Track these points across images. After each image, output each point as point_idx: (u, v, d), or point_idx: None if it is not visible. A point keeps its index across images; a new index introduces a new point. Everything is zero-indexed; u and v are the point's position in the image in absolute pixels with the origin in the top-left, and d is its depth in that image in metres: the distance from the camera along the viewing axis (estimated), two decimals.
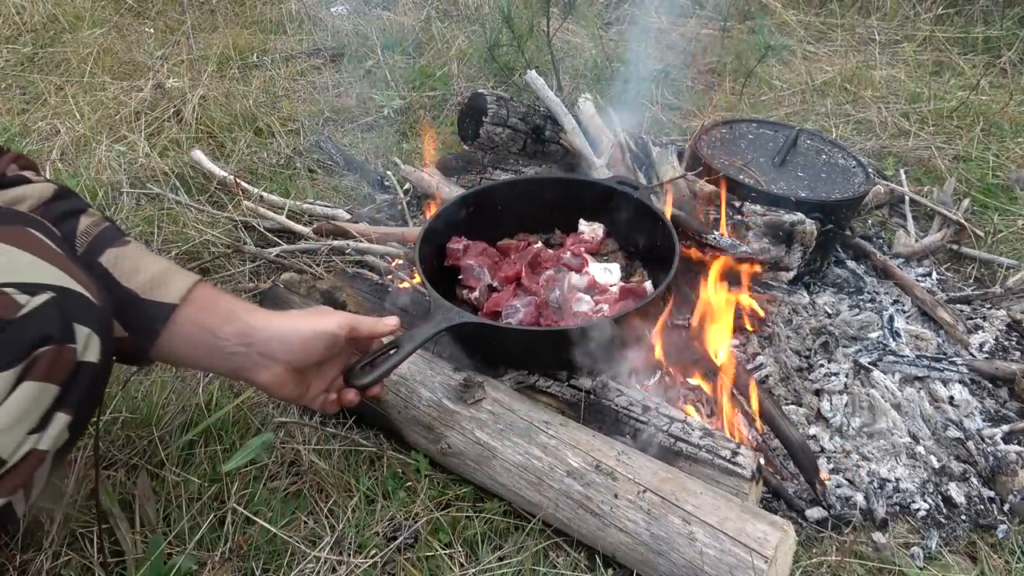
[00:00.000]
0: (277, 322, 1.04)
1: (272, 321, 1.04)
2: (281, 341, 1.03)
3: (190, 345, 0.99)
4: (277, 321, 1.04)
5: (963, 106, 2.90)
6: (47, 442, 0.79)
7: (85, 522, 1.25)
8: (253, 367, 1.03)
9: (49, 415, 0.78)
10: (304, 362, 1.07)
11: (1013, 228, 2.25)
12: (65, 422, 0.80)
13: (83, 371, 0.80)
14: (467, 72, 3.17)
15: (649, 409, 1.37)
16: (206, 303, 0.99)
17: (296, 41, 3.50)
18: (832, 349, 1.73)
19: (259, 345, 1.01)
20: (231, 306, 1.02)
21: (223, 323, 1.00)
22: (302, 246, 2.02)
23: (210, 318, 0.99)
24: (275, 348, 1.03)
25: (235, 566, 1.23)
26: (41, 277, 0.77)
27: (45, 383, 0.76)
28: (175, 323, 0.96)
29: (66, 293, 0.78)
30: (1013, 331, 1.87)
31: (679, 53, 3.38)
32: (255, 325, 1.01)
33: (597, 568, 1.27)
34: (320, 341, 1.06)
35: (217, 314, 1.00)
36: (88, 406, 0.85)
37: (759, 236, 1.74)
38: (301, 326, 1.05)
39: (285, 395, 1.09)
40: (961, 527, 1.42)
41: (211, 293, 1.01)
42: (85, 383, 0.80)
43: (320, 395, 1.16)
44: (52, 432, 0.79)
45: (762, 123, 2.18)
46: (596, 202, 1.72)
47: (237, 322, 1.00)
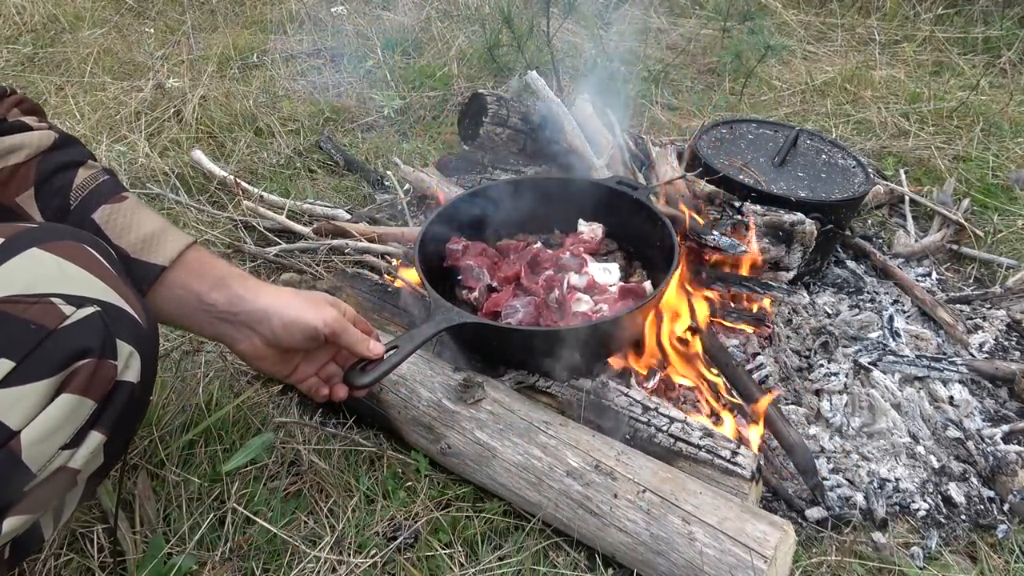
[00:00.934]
0: (265, 296, 1.03)
1: (261, 294, 1.03)
2: (263, 317, 1.02)
3: (176, 306, 0.98)
4: (266, 295, 1.03)
5: (963, 106, 2.90)
6: (79, 461, 0.77)
7: (85, 522, 1.25)
8: (235, 336, 1.03)
9: (84, 432, 0.76)
10: (282, 344, 1.06)
11: (1013, 228, 2.25)
12: (99, 441, 0.78)
13: (121, 389, 0.78)
14: (467, 72, 3.17)
15: (649, 409, 1.38)
16: (197, 267, 0.99)
17: (296, 41, 3.50)
18: (832, 349, 1.73)
19: (243, 315, 1.01)
20: (222, 272, 1.01)
21: (211, 289, 0.99)
22: (302, 245, 2.02)
23: (199, 283, 0.98)
24: (257, 321, 1.02)
25: (235, 566, 1.23)
26: (89, 291, 0.77)
27: (83, 397, 0.75)
28: (163, 285, 0.96)
29: (112, 309, 0.77)
30: (1013, 331, 1.87)
31: (679, 53, 3.38)
32: (243, 295, 1.01)
33: (597, 568, 1.27)
34: (300, 331, 1.05)
35: (206, 279, 0.99)
36: (125, 428, 0.82)
37: (759, 236, 1.74)
38: (286, 309, 1.03)
39: (265, 368, 1.08)
40: (961, 527, 1.42)
41: (203, 257, 1.01)
42: (122, 402, 0.79)
43: (310, 379, 1.15)
44: (85, 451, 0.77)
45: (762, 123, 2.18)
46: (596, 202, 1.72)
47: (226, 289, 1.00)
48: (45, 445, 0.73)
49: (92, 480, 0.82)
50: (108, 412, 0.78)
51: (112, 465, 0.86)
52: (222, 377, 1.59)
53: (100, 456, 0.80)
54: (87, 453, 0.77)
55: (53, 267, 0.76)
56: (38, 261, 0.76)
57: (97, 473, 0.82)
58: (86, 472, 0.79)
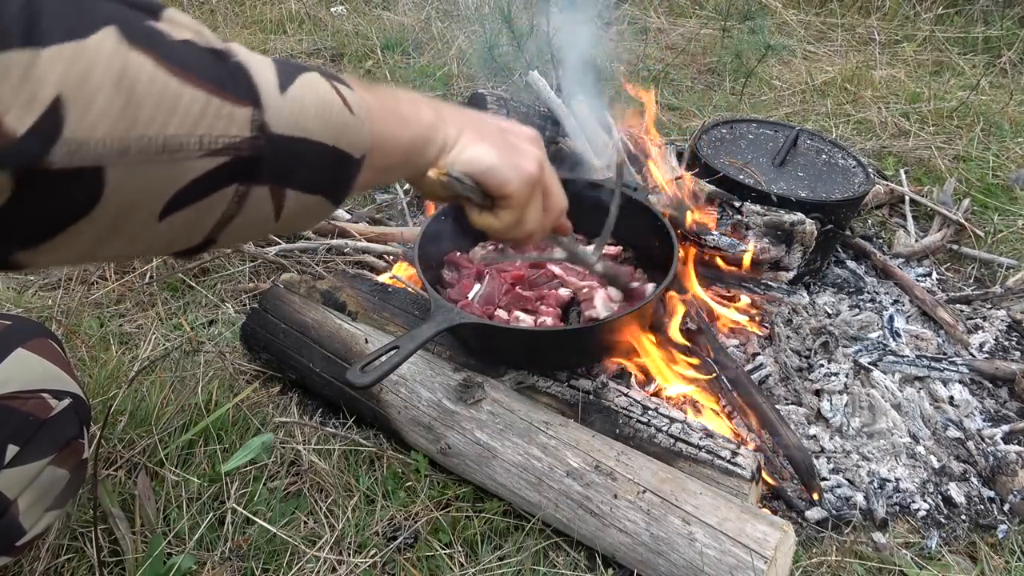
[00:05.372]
0: None
1: None
2: None
3: None
4: None
5: (963, 106, 2.90)
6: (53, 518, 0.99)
7: (85, 522, 1.25)
8: None
9: (63, 497, 0.97)
10: None
11: (1013, 228, 2.25)
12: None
13: (84, 464, 1.00)
14: (467, 72, 3.17)
15: (649, 409, 1.37)
16: None
17: (296, 41, 3.50)
18: (832, 349, 1.73)
19: None
20: None
21: None
22: (301, 245, 2.02)
23: None
24: None
25: (235, 566, 1.23)
26: (63, 385, 0.96)
27: (63, 470, 0.95)
28: None
29: (76, 399, 0.97)
30: (1013, 331, 1.87)
31: (679, 53, 3.37)
32: None
33: (597, 568, 1.27)
34: None
35: None
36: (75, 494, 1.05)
37: (759, 236, 1.74)
38: None
39: None
40: (961, 527, 1.42)
41: None
42: (83, 474, 1.01)
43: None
44: (62, 511, 1.00)
45: (762, 123, 2.18)
46: (595, 202, 1.71)
47: None
48: (36, 508, 0.93)
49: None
50: (75, 480, 0.99)
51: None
52: (221, 377, 1.59)
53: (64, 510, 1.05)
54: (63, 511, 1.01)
55: (38, 367, 0.95)
56: (26, 362, 0.94)
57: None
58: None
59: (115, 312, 1.83)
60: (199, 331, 1.77)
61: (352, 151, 0.59)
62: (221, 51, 0.50)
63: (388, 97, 0.67)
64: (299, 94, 0.53)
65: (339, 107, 0.57)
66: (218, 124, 0.48)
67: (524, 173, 0.79)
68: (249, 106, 0.50)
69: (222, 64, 0.49)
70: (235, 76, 0.50)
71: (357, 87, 0.61)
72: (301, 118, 0.53)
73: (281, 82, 0.53)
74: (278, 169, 0.53)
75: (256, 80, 0.51)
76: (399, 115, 0.68)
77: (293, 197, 0.56)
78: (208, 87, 0.47)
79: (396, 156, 0.68)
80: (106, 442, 1.38)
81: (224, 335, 1.75)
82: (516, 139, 0.81)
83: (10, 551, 0.93)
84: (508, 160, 0.77)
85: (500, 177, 0.77)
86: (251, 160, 0.50)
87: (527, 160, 0.80)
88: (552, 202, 0.87)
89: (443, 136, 0.73)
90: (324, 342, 1.52)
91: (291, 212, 0.57)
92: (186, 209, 0.50)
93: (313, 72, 0.57)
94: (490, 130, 0.78)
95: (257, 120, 0.50)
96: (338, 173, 0.59)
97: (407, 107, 0.70)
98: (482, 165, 0.75)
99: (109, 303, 1.85)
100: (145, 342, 1.70)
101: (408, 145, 0.69)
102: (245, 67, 0.51)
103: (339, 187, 0.60)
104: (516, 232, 0.85)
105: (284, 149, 0.52)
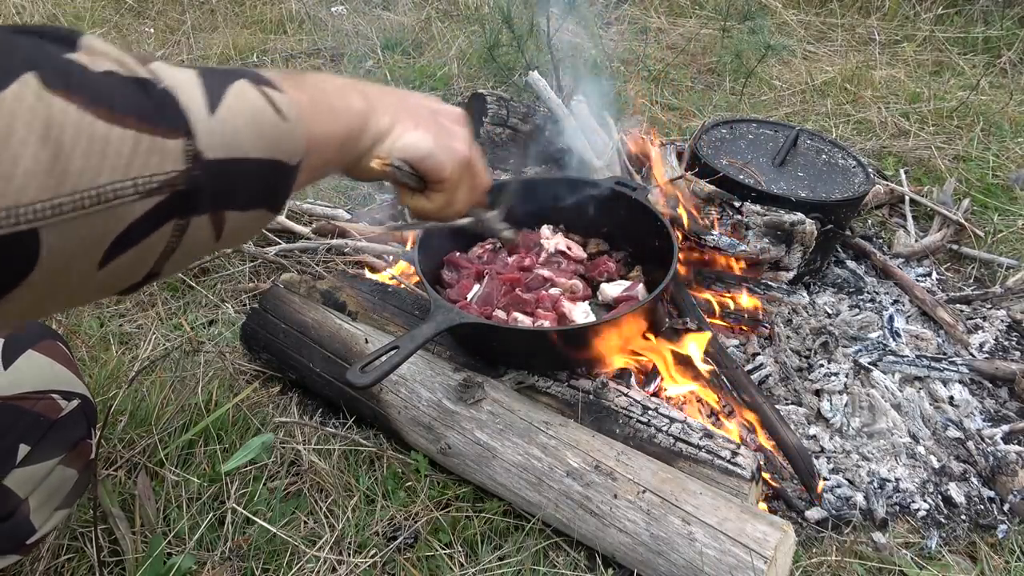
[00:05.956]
0: None
1: None
2: None
3: None
4: None
5: (963, 106, 2.90)
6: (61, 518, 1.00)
7: (85, 522, 1.25)
8: None
9: (72, 496, 0.99)
10: None
11: (1013, 228, 2.25)
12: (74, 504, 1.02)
13: (91, 464, 1.02)
14: (467, 72, 3.17)
15: (649, 409, 1.37)
16: None
17: (296, 41, 3.50)
18: (832, 349, 1.73)
19: None
20: None
21: None
22: (301, 245, 2.02)
23: None
24: None
25: (235, 566, 1.23)
26: (72, 386, 0.97)
27: (72, 469, 0.97)
28: None
29: (85, 400, 0.99)
30: (1013, 331, 1.87)
31: (679, 53, 3.37)
32: None
33: (597, 568, 1.27)
34: None
35: None
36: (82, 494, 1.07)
37: (759, 236, 1.74)
38: None
39: None
40: (961, 527, 1.42)
41: None
42: (90, 474, 1.03)
43: None
44: (70, 510, 1.02)
45: (762, 123, 2.18)
46: (594, 202, 1.72)
47: None
48: (46, 507, 0.95)
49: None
50: (82, 479, 1.01)
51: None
52: (221, 377, 1.59)
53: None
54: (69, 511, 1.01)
55: (47, 368, 0.95)
56: (36, 363, 0.95)
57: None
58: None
59: (115, 312, 1.83)
60: (199, 331, 1.77)
61: (288, 159, 0.58)
62: (145, 80, 0.49)
63: (317, 90, 0.67)
64: (229, 112, 0.52)
65: (271, 115, 0.56)
66: (151, 162, 0.46)
67: (457, 156, 0.81)
68: (180, 136, 0.48)
69: (147, 95, 0.48)
70: (162, 106, 0.48)
71: (286, 85, 0.60)
72: (234, 137, 0.52)
73: (210, 101, 0.51)
74: (216, 194, 0.52)
75: (184, 105, 0.49)
76: (331, 109, 0.68)
77: (233, 217, 0.55)
78: (136, 124, 0.46)
79: (331, 152, 0.68)
80: (106, 442, 1.38)
81: (224, 335, 1.75)
82: (446, 120, 0.82)
83: (20, 549, 0.95)
84: (443, 144, 0.79)
85: (437, 162, 0.79)
86: (188, 192, 0.49)
87: (459, 142, 0.81)
88: (478, 179, 0.88)
89: (376, 124, 0.74)
90: (324, 342, 1.52)
91: (231, 230, 0.56)
92: (127, 253, 0.48)
93: (241, 80, 0.55)
94: (423, 114, 0.79)
95: (190, 150, 0.49)
96: (276, 183, 0.58)
97: (337, 98, 0.69)
98: (419, 152, 0.77)
99: (109, 303, 1.85)
100: (145, 342, 1.70)
101: (342, 139, 0.69)
102: (172, 93, 0.49)
103: (278, 197, 0.59)
104: (446, 212, 0.86)
105: (220, 173, 0.51)
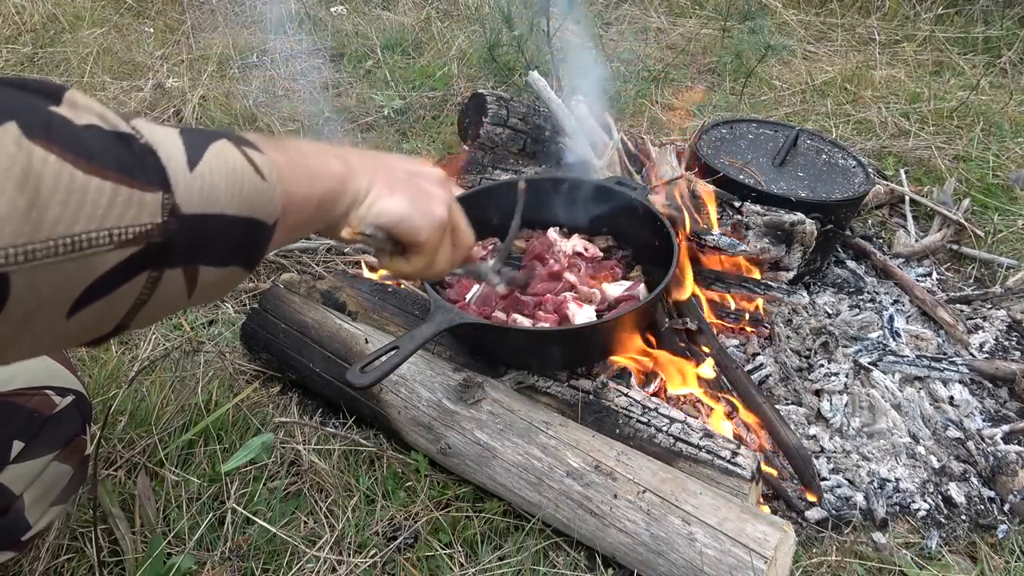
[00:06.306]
0: None
1: None
2: None
3: None
4: None
5: (963, 106, 2.90)
6: (56, 513, 1.00)
7: (85, 522, 1.25)
8: None
9: (66, 492, 0.99)
10: None
11: (1013, 228, 2.25)
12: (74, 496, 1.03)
13: (86, 460, 1.02)
14: (467, 72, 3.17)
15: (649, 409, 1.37)
16: None
17: (296, 41, 3.50)
18: (832, 349, 1.73)
19: None
20: None
21: None
22: (301, 245, 2.02)
23: None
24: None
25: (235, 566, 1.23)
26: (66, 382, 0.97)
27: (67, 465, 0.97)
28: None
29: (80, 396, 0.98)
30: (1013, 331, 1.87)
31: (679, 53, 3.37)
32: None
33: (597, 568, 1.27)
34: None
35: None
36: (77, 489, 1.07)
37: (759, 236, 1.74)
38: None
39: None
40: (961, 527, 1.42)
41: None
42: (85, 469, 1.02)
43: None
44: (67, 505, 1.02)
45: (762, 123, 2.18)
46: (595, 202, 1.72)
47: None
48: (41, 503, 0.95)
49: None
50: (78, 476, 1.00)
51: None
52: (221, 377, 1.59)
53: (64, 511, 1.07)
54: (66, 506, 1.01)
55: (41, 364, 0.95)
56: (30, 359, 0.90)
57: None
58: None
59: None
60: (199, 331, 1.77)
61: (265, 218, 0.59)
62: (126, 134, 0.49)
63: (296, 153, 0.67)
64: (209, 169, 0.53)
65: (250, 175, 0.56)
66: (128, 214, 0.46)
67: (435, 220, 0.80)
68: (159, 190, 0.48)
69: (128, 149, 0.48)
70: (142, 160, 0.49)
71: (265, 147, 0.60)
72: (212, 194, 0.52)
73: (190, 158, 0.52)
74: (190, 249, 0.52)
75: (164, 161, 0.50)
76: (309, 172, 0.68)
77: (206, 272, 0.55)
78: (115, 176, 0.46)
79: (308, 213, 0.68)
80: (106, 442, 1.38)
81: (224, 335, 1.75)
82: (424, 183, 0.82)
83: (15, 545, 0.95)
84: (419, 208, 0.78)
85: (412, 227, 0.78)
86: (163, 245, 0.49)
87: (437, 205, 0.81)
88: (461, 239, 0.88)
89: (354, 188, 0.73)
90: (324, 342, 1.52)
91: (205, 286, 0.56)
92: (97, 303, 0.48)
93: (221, 140, 0.56)
94: (399, 177, 0.79)
95: (168, 204, 0.49)
96: (251, 242, 0.59)
97: (316, 161, 0.70)
98: (394, 217, 0.76)
99: None
100: (145, 342, 1.70)
101: (319, 201, 0.69)
102: (153, 148, 0.50)
103: (252, 255, 0.60)
104: (426, 274, 0.86)
105: (196, 228, 0.52)
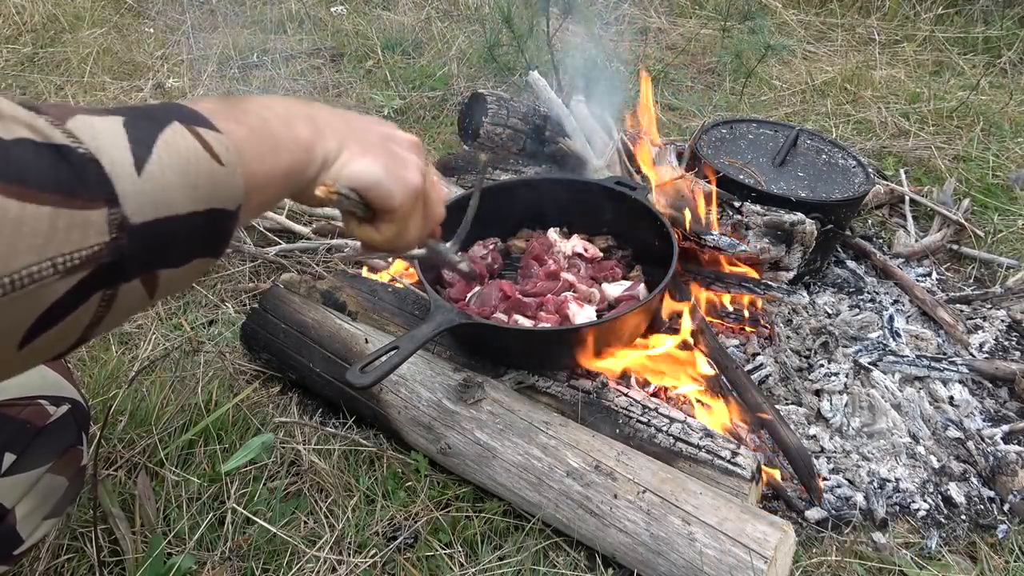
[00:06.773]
0: None
1: None
2: None
3: None
4: None
5: (963, 106, 2.90)
6: (48, 526, 0.96)
7: (85, 522, 1.25)
8: None
9: (61, 505, 0.95)
10: None
11: (1013, 228, 2.25)
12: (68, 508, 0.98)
13: (83, 471, 0.98)
14: (467, 72, 3.17)
15: (649, 409, 1.37)
16: None
17: (296, 41, 3.50)
18: (832, 349, 1.73)
19: None
20: None
21: None
22: (301, 245, 2.02)
23: None
24: None
25: (235, 566, 1.23)
26: (61, 391, 0.94)
27: (61, 477, 0.93)
28: None
29: (76, 405, 0.95)
30: (1013, 331, 1.87)
31: (679, 53, 3.37)
32: None
33: (597, 568, 1.27)
34: None
35: None
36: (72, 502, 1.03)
37: (759, 236, 1.74)
38: None
39: None
40: (961, 527, 1.42)
41: None
42: (81, 481, 0.98)
43: None
44: (60, 519, 0.96)
45: (762, 123, 2.18)
46: (595, 202, 1.72)
47: None
48: (34, 517, 0.92)
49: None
50: (73, 487, 0.96)
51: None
52: (221, 377, 1.59)
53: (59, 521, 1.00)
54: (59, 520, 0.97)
55: (35, 373, 0.92)
56: None
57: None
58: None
59: None
60: (199, 331, 1.77)
61: (227, 205, 0.54)
62: (62, 146, 0.44)
63: (259, 120, 0.62)
64: (159, 167, 0.48)
65: (206, 162, 0.52)
66: (72, 239, 0.43)
67: (409, 186, 0.76)
68: (104, 205, 0.44)
69: (66, 163, 0.43)
70: (83, 174, 0.44)
71: (222, 119, 0.56)
72: (165, 195, 0.48)
73: (137, 157, 0.47)
74: (146, 260, 0.49)
75: (108, 170, 0.45)
76: (273, 141, 0.63)
77: (166, 274, 0.52)
78: (53, 198, 0.41)
79: (274, 188, 0.64)
80: (106, 442, 1.38)
81: (224, 335, 1.75)
82: (398, 147, 0.78)
83: (7, 560, 0.92)
84: (393, 173, 0.74)
85: (385, 191, 0.74)
86: (114, 263, 0.46)
87: (412, 171, 0.77)
88: (432, 211, 0.84)
89: (323, 152, 0.69)
90: (324, 342, 1.52)
91: (167, 284, 0.53)
92: (49, 331, 0.45)
93: (172, 124, 0.51)
94: (372, 140, 0.75)
95: (115, 218, 0.45)
96: (214, 233, 0.55)
97: (279, 127, 0.64)
98: (367, 180, 0.72)
99: None
100: (145, 342, 1.70)
101: (285, 173, 0.65)
102: (94, 156, 0.45)
103: (217, 244, 0.56)
104: (396, 243, 0.81)
105: (150, 237, 0.48)
